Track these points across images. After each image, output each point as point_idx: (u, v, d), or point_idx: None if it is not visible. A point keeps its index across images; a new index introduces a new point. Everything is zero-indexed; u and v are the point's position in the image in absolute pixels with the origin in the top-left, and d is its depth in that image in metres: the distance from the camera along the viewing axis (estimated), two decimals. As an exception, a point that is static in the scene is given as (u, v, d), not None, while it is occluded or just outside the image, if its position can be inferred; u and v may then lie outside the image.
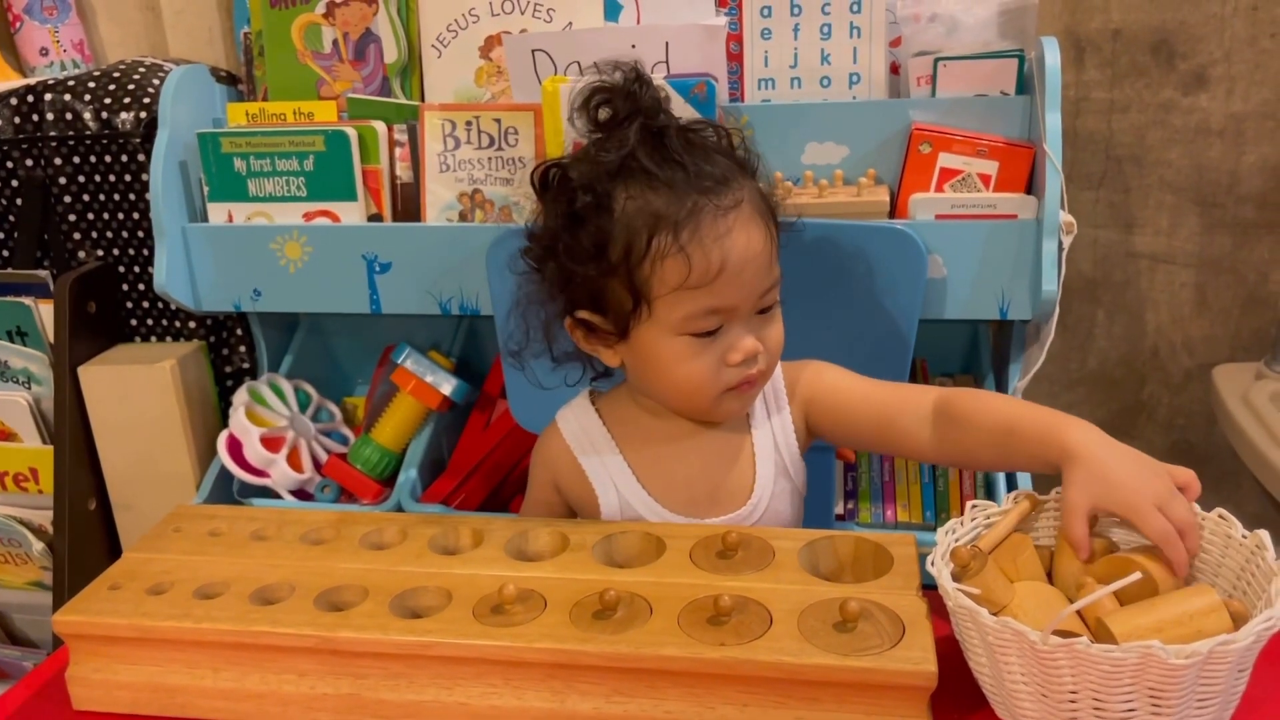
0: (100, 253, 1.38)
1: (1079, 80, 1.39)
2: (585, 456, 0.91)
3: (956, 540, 0.71)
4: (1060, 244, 1.08)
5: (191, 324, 1.40)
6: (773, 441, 0.90)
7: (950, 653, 0.67)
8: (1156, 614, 0.61)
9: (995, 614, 0.63)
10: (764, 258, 0.81)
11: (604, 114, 0.83)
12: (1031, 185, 1.14)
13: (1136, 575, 0.64)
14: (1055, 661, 0.58)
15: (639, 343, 0.83)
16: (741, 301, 0.81)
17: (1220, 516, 0.70)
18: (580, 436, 0.92)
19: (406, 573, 0.75)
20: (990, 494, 1.20)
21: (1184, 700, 0.58)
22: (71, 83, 1.34)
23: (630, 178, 0.81)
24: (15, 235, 1.38)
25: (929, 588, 0.71)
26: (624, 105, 0.83)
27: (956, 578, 0.66)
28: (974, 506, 0.75)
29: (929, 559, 0.68)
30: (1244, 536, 0.68)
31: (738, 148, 0.87)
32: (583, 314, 0.85)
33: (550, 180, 0.85)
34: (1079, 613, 0.68)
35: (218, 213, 1.28)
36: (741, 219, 0.80)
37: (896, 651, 0.65)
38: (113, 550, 1.39)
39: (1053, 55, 1.09)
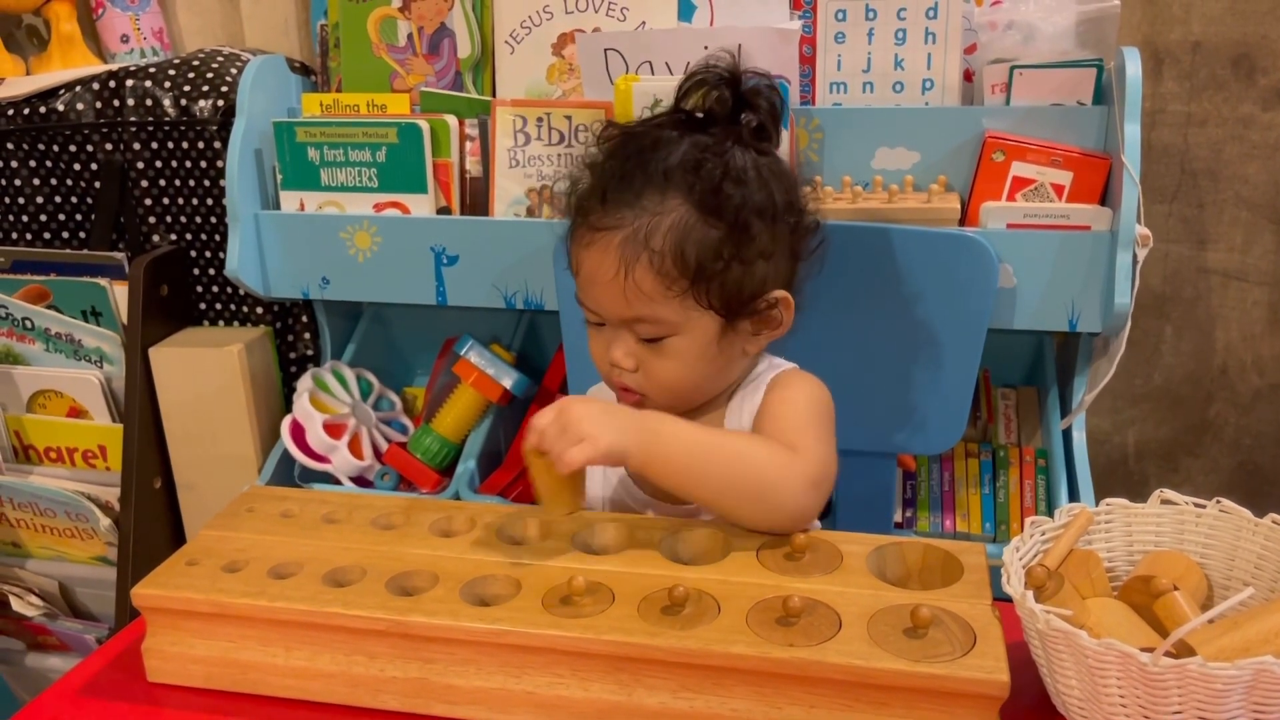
0: (174, 237, 1.41)
1: (1156, 92, 1.37)
2: None
3: (1023, 558, 0.71)
4: (1135, 257, 1.07)
5: (259, 310, 1.42)
6: (740, 428, 0.89)
7: (1015, 661, 0.67)
8: (1241, 633, 0.60)
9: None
10: (612, 288, 0.81)
11: (711, 100, 0.85)
12: (1106, 197, 1.12)
13: (1247, 592, 0.63)
14: (1164, 682, 0.58)
15: None
16: (599, 309, 0.84)
17: (1274, 522, 0.69)
18: None
19: (476, 560, 0.76)
20: (1050, 507, 1.19)
21: (1286, 711, 0.58)
22: (152, 70, 1.37)
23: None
24: (93, 217, 1.42)
25: (999, 599, 0.70)
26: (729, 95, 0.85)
27: (1036, 599, 0.66)
28: (1032, 523, 0.75)
29: (1004, 578, 0.67)
30: None
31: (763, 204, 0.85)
32: None
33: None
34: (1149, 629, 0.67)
35: (290, 201, 1.30)
36: (604, 244, 0.82)
37: (968, 660, 0.64)
38: (175, 528, 1.42)
39: (1134, 65, 1.07)
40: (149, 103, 1.36)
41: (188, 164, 1.37)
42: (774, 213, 0.84)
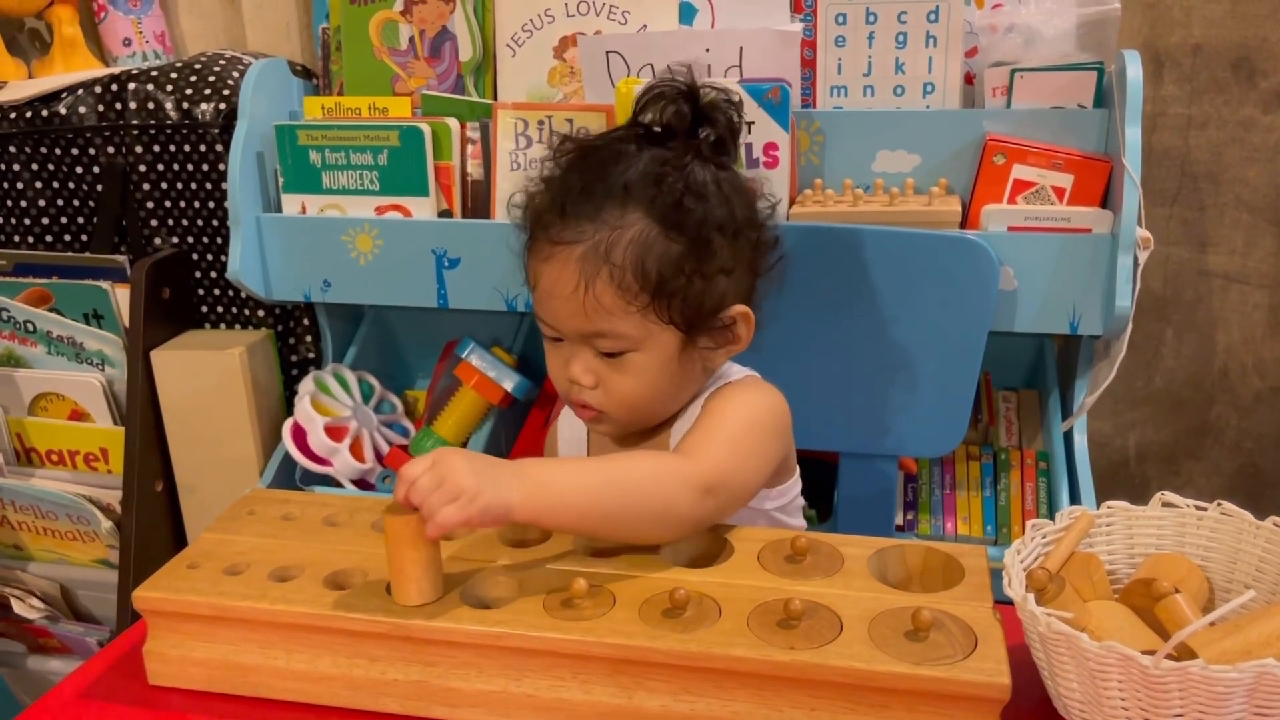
0: (176, 240, 1.41)
1: (1156, 95, 1.37)
2: (566, 450, 0.96)
3: (1024, 561, 0.71)
4: (1136, 259, 1.07)
5: (260, 313, 1.42)
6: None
7: (1016, 664, 0.67)
8: (1243, 636, 0.60)
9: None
10: (572, 302, 0.80)
11: (669, 114, 0.84)
12: (1107, 200, 1.12)
13: (1248, 595, 0.63)
14: (1165, 685, 0.58)
15: None
16: (558, 324, 0.83)
17: (1276, 525, 0.69)
18: (569, 431, 0.96)
19: (477, 562, 0.76)
20: (1051, 510, 1.19)
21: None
22: (154, 73, 1.38)
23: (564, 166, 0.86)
24: (95, 220, 1.42)
25: (1000, 602, 0.70)
26: (687, 109, 0.84)
27: (1037, 601, 0.66)
28: (1034, 526, 0.75)
29: (1005, 581, 0.67)
30: None
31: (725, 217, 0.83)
32: None
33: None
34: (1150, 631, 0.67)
35: (291, 204, 1.30)
36: (563, 257, 0.81)
37: (969, 662, 0.64)
38: (177, 531, 1.42)
39: (1134, 68, 1.08)
40: (151, 106, 1.36)
41: (189, 167, 1.37)
42: (735, 228, 0.84)
